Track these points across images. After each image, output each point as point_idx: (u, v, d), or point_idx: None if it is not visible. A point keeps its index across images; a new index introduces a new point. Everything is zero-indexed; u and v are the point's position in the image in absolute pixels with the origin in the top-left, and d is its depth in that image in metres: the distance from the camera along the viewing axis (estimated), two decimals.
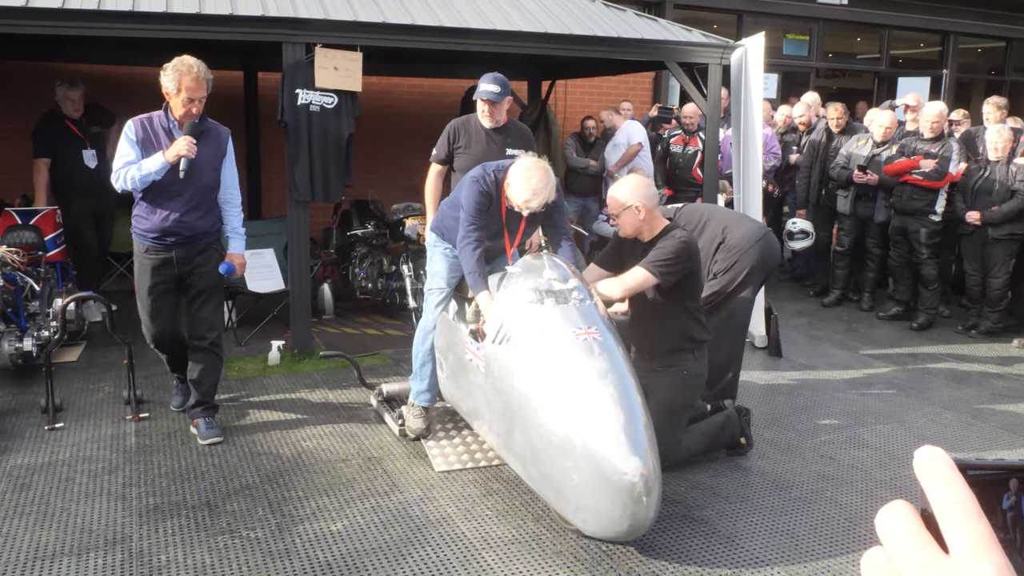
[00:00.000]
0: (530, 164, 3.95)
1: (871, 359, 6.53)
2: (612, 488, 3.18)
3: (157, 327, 4.64)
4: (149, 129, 4.34)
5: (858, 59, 13.74)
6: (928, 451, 0.56)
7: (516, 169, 3.95)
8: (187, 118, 4.32)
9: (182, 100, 4.26)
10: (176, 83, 4.24)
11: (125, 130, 4.33)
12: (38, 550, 3.45)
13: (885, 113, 7.83)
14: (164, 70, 4.28)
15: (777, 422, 5.10)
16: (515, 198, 3.93)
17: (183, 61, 4.28)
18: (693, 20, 9.61)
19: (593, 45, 6.62)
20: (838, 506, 4.00)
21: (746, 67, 6.85)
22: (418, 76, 9.70)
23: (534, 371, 3.51)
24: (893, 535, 0.55)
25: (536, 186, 3.87)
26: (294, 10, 5.82)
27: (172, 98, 4.30)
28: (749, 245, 4.84)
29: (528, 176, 3.88)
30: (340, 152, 6.04)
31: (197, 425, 4.64)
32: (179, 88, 4.24)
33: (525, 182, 3.88)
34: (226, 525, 3.68)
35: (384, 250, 7.48)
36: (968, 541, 0.51)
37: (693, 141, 8.51)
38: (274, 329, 6.52)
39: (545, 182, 3.89)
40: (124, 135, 4.32)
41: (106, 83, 8.25)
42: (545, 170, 3.93)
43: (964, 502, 0.53)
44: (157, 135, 4.34)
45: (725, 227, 4.90)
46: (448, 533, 3.64)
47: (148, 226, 4.42)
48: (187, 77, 4.24)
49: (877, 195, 7.71)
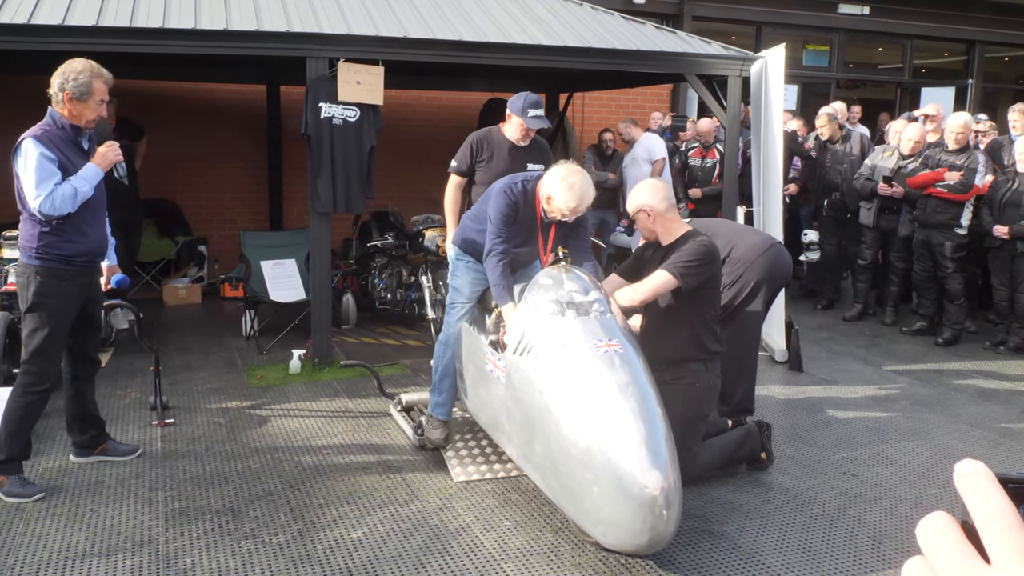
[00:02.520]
0: (568, 170, 3.97)
1: (895, 375, 6.47)
2: (632, 501, 3.18)
3: (56, 370, 4.14)
4: (58, 145, 3.90)
5: (880, 69, 13.67)
6: (969, 464, 0.57)
7: (555, 179, 3.96)
8: (93, 123, 4.04)
9: (94, 104, 3.94)
10: (88, 87, 3.89)
11: (32, 149, 3.81)
12: (69, 550, 3.53)
13: (914, 126, 7.77)
14: (67, 77, 3.87)
15: (798, 437, 5.07)
16: (561, 206, 3.95)
17: (89, 64, 3.95)
18: (712, 32, 9.63)
19: (612, 58, 6.66)
20: (862, 524, 3.96)
21: (766, 79, 6.85)
22: (438, 89, 9.79)
23: (555, 383, 3.53)
24: (935, 545, 0.56)
25: (580, 192, 3.91)
26: (318, 26, 5.91)
27: (76, 104, 3.90)
28: (754, 257, 4.82)
29: (571, 183, 3.91)
30: (362, 165, 6.11)
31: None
32: (91, 91, 3.91)
33: (569, 191, 3.91)
34: (249, 530, 3.72)
35: (403, 261, 7.53)
36: (1010, 552, 0.52)
37: (711, 153, 8.53)
38: (295, 338, 6.59)
39: (586, 184, 3.94)
40: (39, 155, 3.80)
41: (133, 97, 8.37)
42: (583, 174, 3.97)
43: (1005, 514, 0.54)
44: (65, 149, 3.92)
45: (731, 240, 4.87)
46: (467, 543, 3.66)
47: (78, 248, 3.99)
48: (99, 80, 3.93)
49: (901, 208, 7.67)
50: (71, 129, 3.97)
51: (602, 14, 7.42)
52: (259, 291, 6.97)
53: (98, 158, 4.02)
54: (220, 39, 5.65)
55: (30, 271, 3.94)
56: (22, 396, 4.00)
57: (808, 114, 9.35)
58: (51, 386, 4.08)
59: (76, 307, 4.08)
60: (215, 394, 5.60)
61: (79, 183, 3.90)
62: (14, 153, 3.90)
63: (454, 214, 5.18)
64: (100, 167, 4.01)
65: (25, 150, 3.85)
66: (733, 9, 11.42)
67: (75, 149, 3.99)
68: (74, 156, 3.96)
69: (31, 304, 3.94)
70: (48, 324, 3.96)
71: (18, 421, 4.01)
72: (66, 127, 3.95)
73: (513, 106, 4.99)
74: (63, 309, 4.01)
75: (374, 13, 6.34)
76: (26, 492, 3.98)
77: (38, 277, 3.93)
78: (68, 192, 3.85)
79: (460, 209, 5.19)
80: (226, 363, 6.36)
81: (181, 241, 9.01)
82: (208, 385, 5.79)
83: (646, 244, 4.29)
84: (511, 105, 5.01)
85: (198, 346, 6.81)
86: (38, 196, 3.81)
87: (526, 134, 5.02)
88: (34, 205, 3.82)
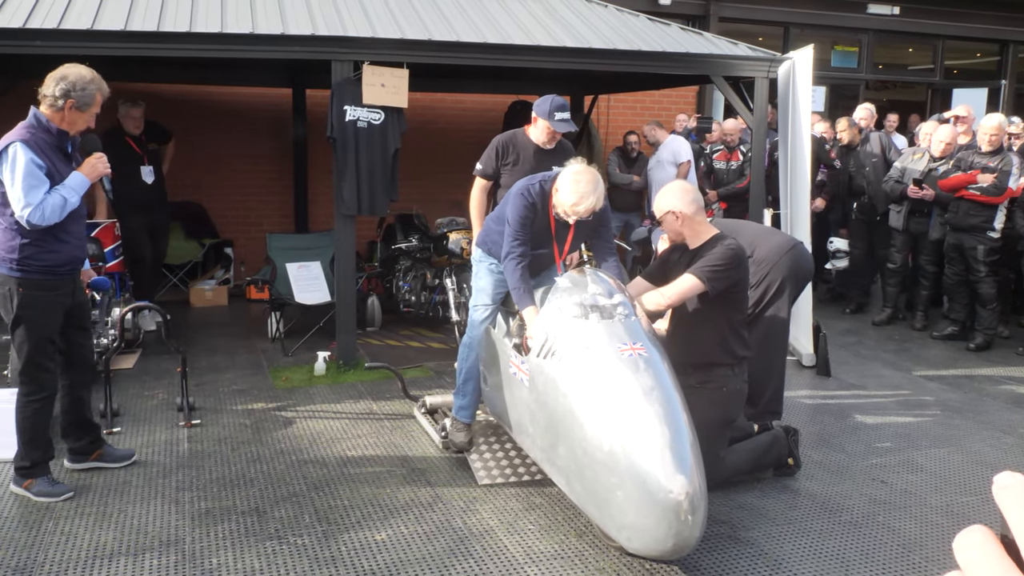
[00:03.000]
0: (579, 169, 3.93)
1: (925, 380, 6.38)
2: (657, 506, 3.15)
3: (55, 376, 4.10)
4: (44, 149, 3.75)
5: (910, 70, 13.50)
6: (1008, 476, 0.55)
7: (565, 174, 3.94)
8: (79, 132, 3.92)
9: (91, 114, 3.85)
10: (92, 98, 3.80)
11: (21, 155, 3.67)
12: (97, 549, 3.56)
13: (945, 128, 7.68)
14: (73, 85, 3.75)
15: (826, 443, 5.01)
16: (562, 203, 3.92)
17: (95, 74, 3.83)
18: (738, 33, 9.56)
19: (637, 60, 6.63)
20: (891, 532, 3.90)
21: (794, 80, 6.79)
22: (462, 92, 9.80)
23: (579, 386, 3.51)
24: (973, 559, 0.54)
25: (584, 190, 3.85)
26: (343, 29, 5.94)
27: (76, 112, 3.79)
28: (778, 256, 4.79)
29: (576, 180, 3.87)
30: (386, 167, 6.13)
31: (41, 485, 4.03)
32: (93, 103, 3.82)
33: (573, 186, 3.87)
34: (274, 531, 3.74)
35: (428, 264, 7.55)
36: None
37: (735, 156, 8.48)
38: (320, 340, 6.62)
39: (593, 187, 3.87)
40: (29, 162, 3.66)
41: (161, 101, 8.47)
42: (594, 175, 3.91)
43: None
44: (50, 154, 3.78)
45: (753, 241, 4.83)
46: (491, 546, 3.65)
47: (60, 258, 3.88)
48: (100, 93, 3.84)
49: (932, 211, 7.57)
50: (58, 134, 3.82)
51: (627, 15, 7.39)
52: (285, 293, 7.01)
53: (87, 168, 3.90)
54: (246, 43, 5.69)
55: (11, 283, 3.80)
56: (26, 407, 3.99)
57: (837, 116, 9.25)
58: (52, 392, 4.06)
59: (62, 313, 4.00)
60: (241, 395, 5.64)
61: (68, 193, 3.76)
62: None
63: (479, 217, 5.17)
64: (88, 177, 3.90)
65: (13, 155, 3.66)
66: (760, 10, 11.33)
67: (60, 155, 3.84)
68: (59, 162, 3.81)
69: (15, 318, 3.84)
70: (35, 335, 3.88)
71: (31, 430, 4.01)
72: (52, 131, 3.79)
73: (539, 109, 4.98)
74: (48, 318, 3.92)
75: (399, 16, 6.37)
76: (55, 491, 4.02)
77: (20, 290, 3.80)
78: (57, 203, 3.72)
79: (485, 212, 5.18)
80: (252, 365, 6.40)
81: (208, 243, 9.10)
82: (234, 386, 5.84)
83: (672, 247, 4.26)
84: (537, 108, 5.00)
85: (224, 348, 6.86)
86: (27, 205, 3.65)
87: (552, 137, 5.01)
88: (22, 214, 3.66)
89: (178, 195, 8.49)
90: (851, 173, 8.29)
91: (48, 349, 3.99)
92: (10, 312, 3.87)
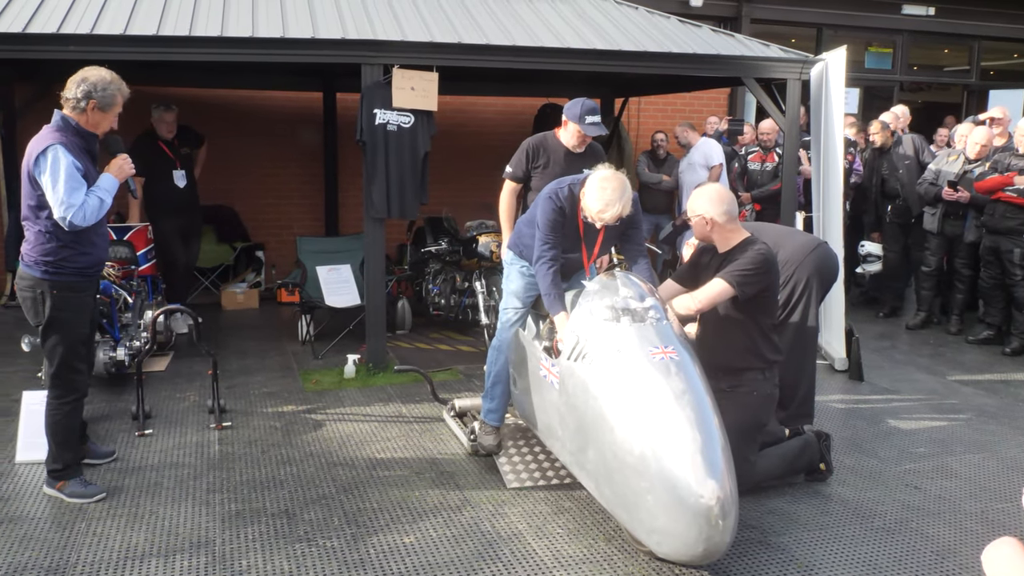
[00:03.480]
0: (607, 175, 3.91)
1: (959, 385, 6.28)
2: (688, 511, 3.13)
3: (86, 378, 4.16)
4: (77, 154, 3.81)
5: (945, 72, 13.30)
6: None
7: (592, 179, 3.92)
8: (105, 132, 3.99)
9: (113, 115, 3.92)
10: (114, 99, 3.85)
11: (62, 158, 3.73)
12: (128, 550, 3.60)
13: (980, 129, 7.57)
14: (94, 86, 3.80)
15: (858, 448, 4.94)
16: (589, 208, 3.91)
17: (114, 75, 3.89)
18: (771, 35, 9.48)
19: (668, 62, 6.59)
20: (924, 538, 3.85)
21: (827, 82, 6.72)
22: (492, 95, 9.82)
23: (609, 389, 3.49)
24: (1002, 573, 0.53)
25: (611, 196, 3.83)
26: (372, 32, 5.97)
27: (99, 113, 3.85)
28: (803, 256, 4.74)
29: (603, 187, 3.86)
30: (416, 170, 6.14)
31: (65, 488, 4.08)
32: (115, 103, 3.88)
33: (600, 192, 3.85)
34: (303, 533, 3.76)
35: (457, 267, 7.56)
36: None
37: (770, 157, 8.40)
38: (350, 343, 6.65)
39: (620, 193, 3.85)
40: (70, 164, 3.72)
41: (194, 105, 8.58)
42: (621, 181, 3.89)
43: None
44: (82, 156, 3.84)
45: (777, 242, 4.70)
46: (519, 550, 3.64)
47: (91, 260, 3.95)
48: (121, 93, 3.89)
49: (967, 213, 7.45)
50: (87, 137, 3.89)
51: (658, 17, 7.35)
52: (315, 296, 7.06)
53: (114, 168, 3.96)
54: (277, 47, 5.74)
55: (43, 286, 3.85)
56: (58, 409, 4.03)
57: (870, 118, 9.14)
58: (83, 393, 4.10)
59: (90, 314, 4.10)
60: (271, 398, 5.68)
61: (103, 195, 3.84)
62: (36, 161, 3.75)
63: (509, 220, 5.17)
64: (117, 178, 3.96)
65: (54, 157, 3.72)
66: (793, 11, 11.23)
67: (88, 157, 3.91)
68: (89, 164, 3.89)
69: (48, 320, 3.89)
70: (68, 338, 3.94)
71: (63, 432, 4.05)
72: (82, 134, 3.86)
73: (570, 112, 4.96)
74: (79, 320, 3.99)
75: (428, 19, 6.39)
76: (88, 492, 4.06)
77: (54, 292, 3.85)
78: (96, 204, 3.80)
79: (515, 215, 5.18)
80: (282, 367, 6.45)
81: (239, 247, 9.20)
82: (264, 389, 5.88)
83: (701, 250, 4.23)
84: (568, 111, 4.98)
85: (255, 350, 6.92)
86: (70, 207, 3.71)
87: (583, 140, 5.00)
88: (64, 215, 3.71)
89: (210, 199, 8.58)
90: (884, 176, 8.19)
91: (80, 351, 4.04)
92: (42, 315, 3.90)
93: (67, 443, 4.07)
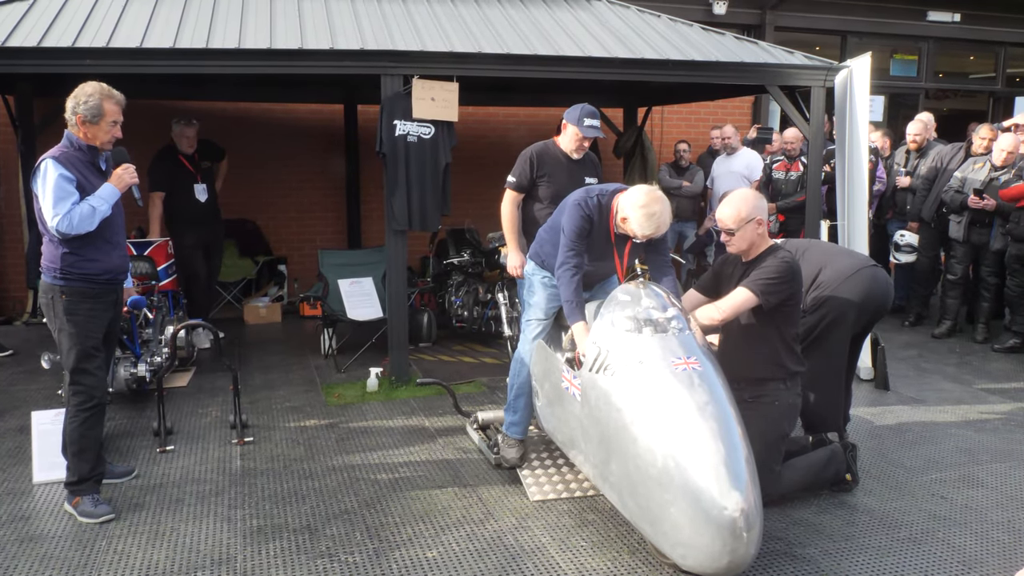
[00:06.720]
0: (649, 199, 3.88)
1: (986, 394, 6.18)
2: (712, 523, 3.09)
3: (103, 385, 4.20)
4: (76, 166, 3.97)
5: (971, 79, 13.15)
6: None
7: (634, 204, 3.90)
8: (109, 144, 4.10)
9: (106, 125, 4.01)
10: (99, 109, 3.97)
11: (51, 171, 3.89)
12: (150, 568, 3.59)
13: (1007, 136, 7.47)
14: (78, 101, 3.96)
15: (884, 458, 4.87)
16: (638, 231, 3.91)
17: (98, 86, 4.01)
18: (795, 42, 9.39)
19: (690, 70, 6.55)
20: (951, 548, 3.78)
21: (851, 89, 6.65)
22: (513, 105, 9.81)
23: (632, 401, 3.46)
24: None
25: (659, 220, 3.87)
26: (392, 43, 5.97)
27: (88, 126, 3.98)
28: (838, 282, 4.48)
29: (650, 213, 3.85)
30: (437, 182, 6.14)
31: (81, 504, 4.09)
32: (103, 113, 3.98)
33: (647, 219, 3.86)
34: (325, 549, 3.74)
35: (480, 278, 7.54)
36: None
37: (795, 166, 8.34)
38: (372, 356, 6.65)
39: (665, 214, 3.89)
40: (58, 176, 3.87)
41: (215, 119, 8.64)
42: (662, 200, 3.90)
43: None
44: (83, 169, 4.00)
45: (821, 263, 4.59)
46: (543, 563, 3.60)
47: (99, 267, 4.05)
48: (109, 101, 4.00)
49: (993, 221, 7.35)
50: (88, 150, 4.03)
51: (681, 26, 7.33)
52: (337, 309, 7.06)
53: (115, 179, 4.08)
54: (295, 58, 5.74)
55: (54, 291, 4.00)
56: (76, 416, 4.07)
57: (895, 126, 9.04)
58: (101, 400, 4.13)
59: (105, 322, 4.15)
60: (294, 412, 5.68)
61: (96, 202, 3.95)
62: (33, 174, 3.98)
63: (514, 230, 5.20)
64: (117, 187, 4.07)
65: (44, 171, 3.90)
66: (817, 19, 11.17)
67: (93, 170, 4.05)
68: (92, 176, 4.02)
69: (61, 324, 4.02)
70: (81, 342, 4.02)
71: (79, 441, 4.08)
72: (83, 148, 4.02)
73: (569, 116, 5.08)
74: (92, 325, 4.06)
75: (448, 29, 6.39)
76: (96, 512, 4.03)
77: (63, 296, 3.99)
78: (86, 211, 3.91)
79: (518, 224, 5.20)
80: (305, 381, 6.45)
81: (261, 261, 9.24)
82: (287, 403, 5.88)
83: (724, 259, 4.20)
84: (568, 115, 5.10)
85: (278, 365, 6.94)
86: (56, 215, 3.86)
87: (581, 144, 5.08)
88: (52, 224, 3.88)
89: (232, 213, 8.64)
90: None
91: (94, 357, 4.08)
92: (56, 320, 4.03)
93: (83, 454, 4.09)
